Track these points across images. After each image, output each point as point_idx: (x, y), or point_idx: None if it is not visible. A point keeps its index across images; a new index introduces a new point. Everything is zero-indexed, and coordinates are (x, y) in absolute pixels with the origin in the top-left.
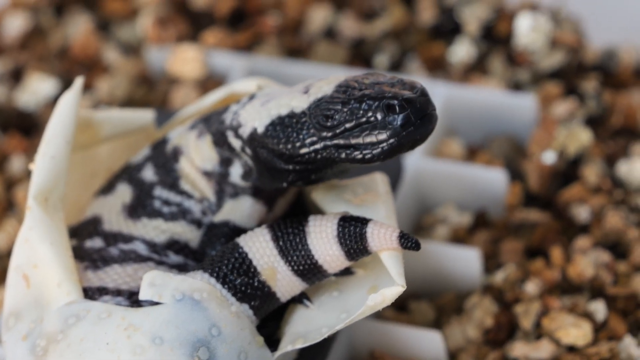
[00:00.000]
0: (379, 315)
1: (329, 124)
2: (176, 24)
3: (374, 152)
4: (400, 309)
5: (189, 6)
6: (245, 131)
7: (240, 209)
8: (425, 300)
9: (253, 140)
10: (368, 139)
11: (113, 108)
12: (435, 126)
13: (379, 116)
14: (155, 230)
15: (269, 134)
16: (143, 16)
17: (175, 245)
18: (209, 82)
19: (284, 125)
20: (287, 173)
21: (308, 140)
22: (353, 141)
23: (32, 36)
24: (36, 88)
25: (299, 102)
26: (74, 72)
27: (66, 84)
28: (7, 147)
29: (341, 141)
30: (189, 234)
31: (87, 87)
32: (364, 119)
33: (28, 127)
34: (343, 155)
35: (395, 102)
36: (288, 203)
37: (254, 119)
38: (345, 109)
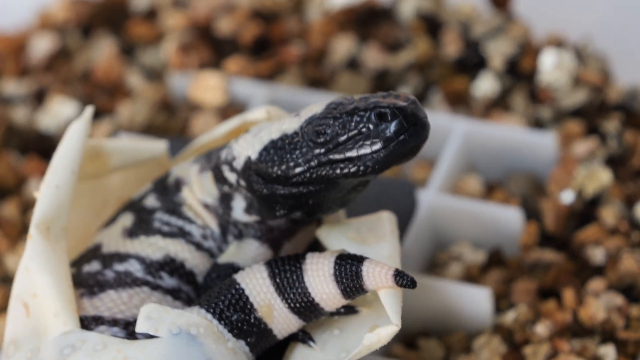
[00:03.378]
0: (386, 353)
1: (321, 139)
2: (199, 50)
3: (369, 162)
4: (410, 346)
5: (213, 33)
6: (239, 163)
7: (244, 251)
8: (434, 338)
9: (248, 169)
10: (362, 151)
11: (132, 134)
12: (428, 134)
13: (371, 126)
14: (152, 247)
15: (262, 158)
16: (167, 42)
17: (170, 265)
18: (230, 109)
19: (277, 148)
20: (283, 199)
21: (302, 159)
22: (347, 154)
23: (58, 58)
24: (57, 111)
25: (291, 125)
26: (96, 96)
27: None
28: (25, 169)
29: (335, 156)
30: (187, 254)
31: (108, 112)
32: (356, 131)
33: (47, 150)
34: (338, 170)
35: (387, 110)
36: (296, 251)
37: (247, 149)
38: (336, 123)
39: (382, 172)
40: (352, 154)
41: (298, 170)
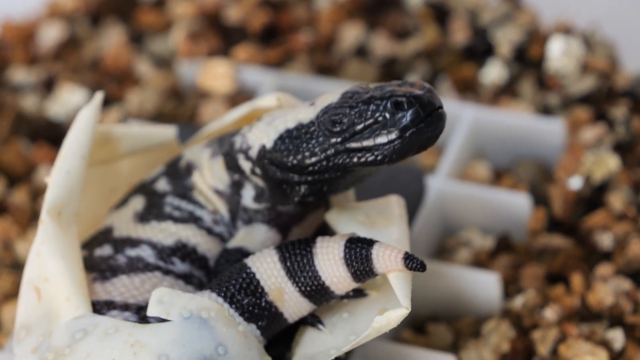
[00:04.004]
0: (396, 337)
1: (337, 129)
2: (208, 38)
3: (386, 152)
4: (419, 330)
5: (222, 21)
6: (254, 152)
7: (253, 236)
8: (443, 323)
9: (262, 158)
10: (379, 140)
11: (142, 121)
12: (444, 124)
13: (387, 115)
14: (163, 232)
15: (277, 147)
16: (176, 30)
17: (182, 250)
18: (239, 97)
19: (293, 137)
20: (298, 187)
21: (318, 149)
22: (364, 143)
23: (67, 46)
24: (67, 99)
25: (306, 114)
26: (105, 83)
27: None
28: (35, 157)
29: (352, 144)
30: (198, 238)
31: (117, 100)
32: (372, 120)
33: (57, 137)
34: (355, 159)
35: (403, 99)
36: (305, 234)
37: (262, 138)
38: (353, 112)
39: (397, 162)
40: (369, 142)
41: (314, 159)
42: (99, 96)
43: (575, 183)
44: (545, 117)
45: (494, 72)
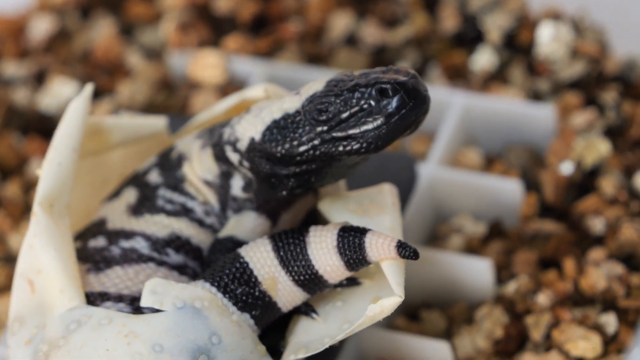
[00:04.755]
0: (389, 324)
1: (323, 117)
2: (198, 29)
3: (370, 139)
4: (412, 317)
5: (212, 12)
6: (243, 144)
7: (243, 224)
8: (436, 310)
9: (252, 150)
10: (364, 127)
11: (133, 113)
12: (429, 107)
13: (372, 102)
14: (157, 225)
15: (266, 139)
16: (166, 21)
17: (176, 242)
18: (229, 87)
19: (280, 127)
20: (286, 179)
21: (305, 138)
22: (350, 132)
23: (57, 39)
24: (58, 91)
25: (292, 104)
26: (96, 76)
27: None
28: (27, 150)
29: (338, 133)
30: (191, 230)
31: (108, 91)
32: (357, 107)
33: (48, 130)
34: (341, 147)
35: (388, 85)
36: (295, 220)
37: (250, 130)
38: (338, 100)
39: (384, 149)
40: (355, 130)
41: (302, 148)
42: (88, 88)
43: (567, 168)
44: (536, 103)
45: (483, 59)
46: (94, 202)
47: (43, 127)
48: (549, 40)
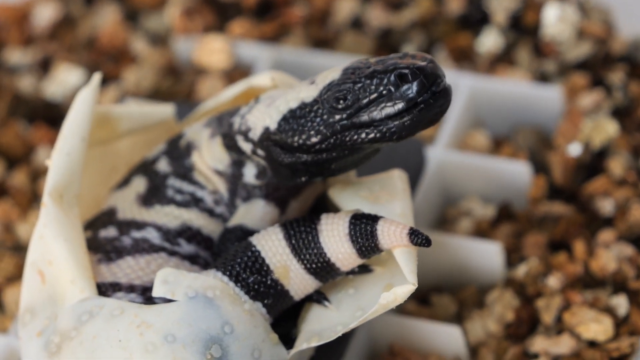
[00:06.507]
0: (400, 309)
1: (342, 105)
2: (203, 14)
3: (396, 128)
4: (422, 302)
5: None
6: (255, 134)
7: (252, 212)
8: (447, 294)
9: (266, 140)
10: (385, 112)
11: (139, 99)
12: (451, 98)
13: (391, 87)
14: (168, 216)
15: (282, 128)
16: (171, 6)
17: (187, 232)
18: (235, 72)
19: (296, 117)
20: (305, 167)
21: (323, 127)
22: (371, 116)
23: (62, 26)
24: (63, 78)
25: (308, 92)
26: (102, 62)
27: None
28: (34, 138)
29: (358, 120)
30: (202, 221)
31: (114, 78)
32: (377, 94)
33: (55, 118)
34: (363, 135)
35: (407, 70)
36: (304, 207)
37: (263, 120)
38: (356, 87)
39: (407, 138)
40: (375, 116)
41: (320, 137)
42: (97, 77)
43: (575, 149)
44: (543, 84)
45: (490, 41)
46: (103, 190)
47: (49, 114)
48: (555, 21)
